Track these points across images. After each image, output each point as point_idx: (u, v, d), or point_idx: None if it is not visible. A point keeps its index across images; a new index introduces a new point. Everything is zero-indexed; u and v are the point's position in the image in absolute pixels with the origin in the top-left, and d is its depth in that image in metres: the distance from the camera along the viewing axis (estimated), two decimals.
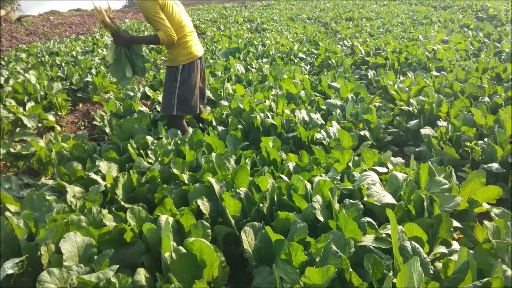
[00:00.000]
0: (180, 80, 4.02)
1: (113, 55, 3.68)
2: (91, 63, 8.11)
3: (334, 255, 1.91)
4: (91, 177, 2.98)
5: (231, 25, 15.20)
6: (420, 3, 20.09)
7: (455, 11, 15.78)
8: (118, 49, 3.67)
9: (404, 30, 11.48)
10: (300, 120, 4.09)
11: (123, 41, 3.58)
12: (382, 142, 4.17)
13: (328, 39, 10.52)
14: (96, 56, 9.20)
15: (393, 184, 2.75)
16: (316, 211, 2.32)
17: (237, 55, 8.51)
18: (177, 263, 1.98)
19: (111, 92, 6.57)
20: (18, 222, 2.25)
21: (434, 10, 16.79)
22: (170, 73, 4.04)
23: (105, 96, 6.31)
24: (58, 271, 1.85)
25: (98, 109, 6.11)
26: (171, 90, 4.03)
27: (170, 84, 4.04)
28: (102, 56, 9.25)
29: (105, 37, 13.51)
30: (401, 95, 5.02)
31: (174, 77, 4.02)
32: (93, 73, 7.24)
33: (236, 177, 2.74)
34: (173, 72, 4.03)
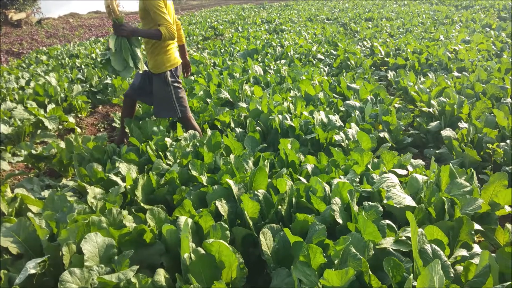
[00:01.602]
0: (171, 84, 4.01)
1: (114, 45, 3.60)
2: None
3: (353, 258, 1.89)
4: (111, 179, 3.02)
5: (249, 26, 15.24)
6: (441, 2, 19.79)
7: (477, 10, 15.49)
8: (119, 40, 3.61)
9: (425, 30, 11.33)
10: (318, 122, 4.07)
11: (125, 31, 3.53)
12: (401, 144, 4.12)
13: (347, 39, 10.45)
14: None
15: (413, 187, 2.72)
16: (335, 213, 2.31)
17: (255, 57, 8.52)
18: (196, 264, 2.00)
19: None
20: (40, 223, 2.30)
21: (456, 10, 16.51)
22: (160, 80, 3.99)
23: None
24: (79, 271, 1.88)
25: (117, 111, 6.20)
26: (168, 95, 4.00)
27: (164, 89, 4.00)
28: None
29: None
30: (421, 96, 4.95)
31: (165, 82, 3.98)
32: (112, 75, 7.34)
33: (255, 179, 2.74)
34: (162, 79, 3.98)
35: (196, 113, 4.81)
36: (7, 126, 4.72)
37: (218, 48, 10.33)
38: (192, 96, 5.53)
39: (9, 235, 2.27)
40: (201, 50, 11.04)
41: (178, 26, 4.22)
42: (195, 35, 14.07)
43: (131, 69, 3.65)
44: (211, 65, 8.20)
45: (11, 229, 2.29)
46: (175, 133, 4.19)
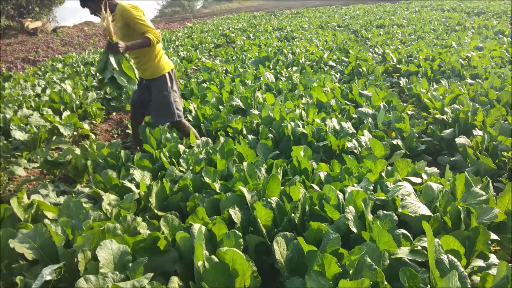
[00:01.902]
0: (170, 87, 4.14)
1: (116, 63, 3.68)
2: None
3: (368, 268, 1.88)
4: (125, 185, 3.05)
5: (260, 34, 15.30)
6: (453, 9, 19.68)
7: (489, 17, 15.37)
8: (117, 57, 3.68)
9: (437, 37, 11.27)
10: (330, 129, 4.06)
11: (121, 48, 3.62)
12: (415, 151, 4.09)
13: (358, 46, 10.43)
14: None
15: (428, 195, 2.69)
16: (349, 222, 2.29)
17: (266, 64, 8.54)
18: (209, 272, 2.00)
19: None
20: (56, 229, 2.32)
21: (468, 17, 16.39)
22: (160, 83, 4.10)
23: None
24: (94, 278, 1.89)
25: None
26: (166, 99, 4.10)
27: (163, 93, 4.10)
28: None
29: None
30: (434, 104, 4.92)
31: (165, 83, 4.12)
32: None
33: (268, 186, 2.74)
34: (163, 80, 4.11)
35: (208, 120, 4.83)
36: (23, 132, 4.79)
37: (230, 56, 10.39)
38: (204, 103, 5.56)
39: (26, 241, 2.29)
40: (213, 58, 11.11)
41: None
42: (207, 43, 14.17)
43: (134, 81, 3.74)
44: (223, 72, 8.24)
45: (27, 235, 2.32)
46: (188, 140, 4.21)
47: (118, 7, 3.85)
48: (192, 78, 8.08)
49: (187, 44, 14.04)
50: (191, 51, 12.35)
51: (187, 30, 20.14)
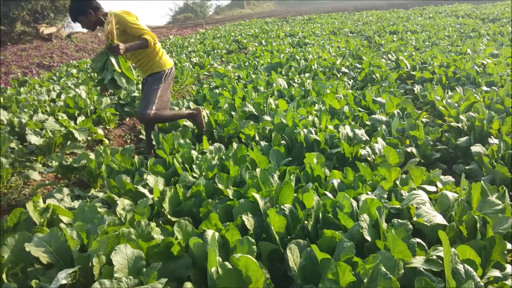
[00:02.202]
0: (164, 82, 4.31)
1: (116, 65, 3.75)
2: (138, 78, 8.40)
3: (383, 277, 1.86)
4: (139, 190, 3.07)
5: (272, 40, 15.35)
6: (468, 15, 19.54)
7: (504, 23, 15.21)
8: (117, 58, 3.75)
9: (451, 43, 11.19)
10: (344, 136, 4.04)
11: (122, 50, 3.72)
12: (429, 159, 4.05)
13: (371, 53, 10.40)
14: None
15: (443, 204, 2.66)
16: (363, 230, 2.28)
17: (279, 70, 8.56)
18: (223, 279, 2.00)
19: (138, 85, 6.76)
20: (72, 233, 2.34)
21: (482, 23, 16.25)
22: (156, 78, 4.26)
23: None
24: (109, 282, 1.90)
25: None
26: (153, 92, 4.23)
27: (154, 87, 4.25)
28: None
29: None
30: (449, 111, 4.87)
31: (160, 80, 4.28)
32: (139, 88, 7.48)
33: (281, 193, 2.74)
34: (159, 77, 4.28)
35: (221, 126, 4.85)
36: (39, 137, 4.85)
37: (242, 62, 10.43)
38: (217, 109, 5.58)
39: (41, 245, 2.32)
40: (225, 64, 11.17)
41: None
42: (219, 49, 14.25)
43: (132, 82, 3.81)
44: (235, 78, 8.28)
45: (43, 239, 2.34)
46: (200, 145, 4.23)
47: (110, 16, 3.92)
48: (204, 84, 8.13)
49: (199, 50, 14.14)
50: (203, 57, 12.43)
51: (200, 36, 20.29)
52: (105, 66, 3.79)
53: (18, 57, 15.77)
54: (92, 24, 4.11)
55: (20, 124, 5.34)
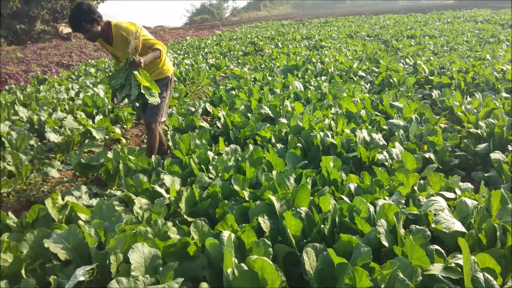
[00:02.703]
0: (169, 88, 4.29)
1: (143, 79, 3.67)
2: None
3: (401, 283, 1.84)
4: (156, 190, 3.09)
5: (289, 43, 15.34)
6: (487, 21, 19.26)
7: None
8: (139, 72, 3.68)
9: (470, 48, 11.04)
10: (360, 140, 4.02)
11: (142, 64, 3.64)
12: (448, 166, 4.00)
13: (389, 57, 10.31)
14: None
15: (462, 211, 2.63)
16: (381, 236, 2.25)
17: (295, 73, 8.55)
18: (239, 280, 2.00)
19: (173, 107, 6.81)
20: (90, 231, 2.36)
21: (502, 29, 16.00)
22: (161, 85, 4.12)
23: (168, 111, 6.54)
24: (126, 280, 1.92)
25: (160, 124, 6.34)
26: (162, 100, 4.12)
27: (162, 94, 4.13)
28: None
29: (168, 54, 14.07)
30: (468, 117, 4.81)
31: (166, 86, 4.24)
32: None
33: (297, 196, 2.73)
34: (165, 83, 4.22)
35: (237, 127, 4.86)
36: (58, 135, 4.92)
37: (258, 64, 10.45)
38: (233, 110, 5.60)
39: (60, 241, 2.35)
40: (241, 65, 11.19)
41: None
42: (236, 50, 14.29)
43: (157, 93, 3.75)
44: (251, 80, 8.29)
45: (61, 236, 2.37)
46: (217, 146, 4.24)
47: (115, 27, 3.83)
48: (220, 85, 8.16)
49: (216, 51, 14.21)
50: (219, 58, 12.48)
51: (216, 37, 20.38)
52: (127, 82, 3.67)
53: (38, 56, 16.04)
54: (97, 34, 3.83)
55: (39, 122, 5.43)
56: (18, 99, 6.84)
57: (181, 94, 7.66)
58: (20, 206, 3.82)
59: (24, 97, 7.10)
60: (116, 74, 3.71)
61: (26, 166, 4.24)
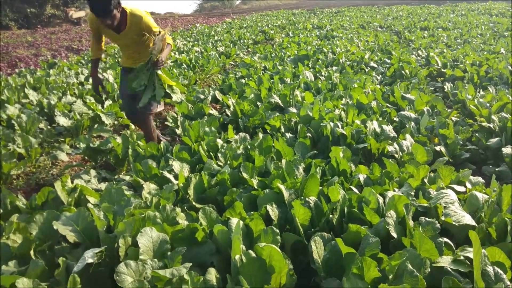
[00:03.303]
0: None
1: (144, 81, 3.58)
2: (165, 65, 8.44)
3: (409, 274, 1.83)
4: (164, 176, 3.09)
5: (299, 32, 15.21)
6: (501, 14, 18.94)
7: None
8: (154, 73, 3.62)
9: (484, 42, 10.87)
10: (371, 131, 3.98)
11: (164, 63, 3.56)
12: (458, 159, 3.96)
13: (401, 48, 10.19)
14: (169, 59, 9.57)
15: (473, 205, 2.60)
16: (390, 227, 2.24)
17: (306, 62, 8.48)
18: (246, 267, 2.00)
19: (183, 95, 6.79)
20: (99, 214, 2.37)
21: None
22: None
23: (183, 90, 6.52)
24: (134, 263, 1.93)
25: (169, 110, 6.35)
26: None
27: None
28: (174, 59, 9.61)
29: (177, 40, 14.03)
30: (481, 111, 4.74)
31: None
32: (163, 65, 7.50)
33: (306, 185, 2.72)
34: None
35: (246, 116, 4.84)
36: (67, 119, 4.94)
37: (268, 53, 10.38)
38: (243, 99, 5.58)
39: (69, 224, 2.36)
40: (251, 54, 11.13)
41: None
42: (246, 39, 14.21)
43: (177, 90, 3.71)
44: (261, 69, 8.24)
45: (70, 218, 2.38)
46: (226, 134, 4.23)
47: (131, 15, 3.65)
48: (230, 73, 8.12)
49: (225, 39, 14.13)
50: (229, 46, 12.41)
51: (226, 25, 20.26)
52: (150, 82, 3.58)
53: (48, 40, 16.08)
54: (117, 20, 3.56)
55: (49, 106, 5.45)
56: (28, 83, 6.86)
57: (191, 82, 7.64)
58: (30, 189, 3.85)
59: (34, 81, 7.13)
60: (138, 76, 3.58)
61: (35, 149, 4.27)
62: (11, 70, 9.92)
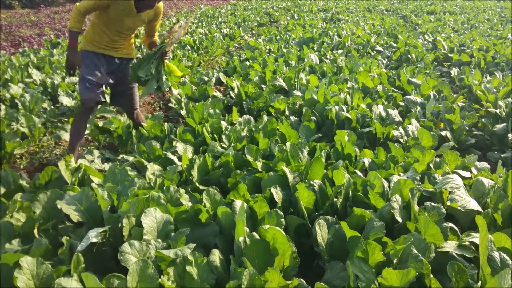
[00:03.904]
0: None
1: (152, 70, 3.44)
2: None
3: (414, 259, 1.82)
4: (168, 157, 3.08)
5: (305, 14, 15.03)
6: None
7: None
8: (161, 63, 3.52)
9: (491, 27, 10.73)
10: (376, 115, 3.95)
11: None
12: (464, 145, 3.93)
13: (407, 32, 10.06)
14: None
15: (478, 190, 2.58)
16: (395, 211, 2.23)
17: (311, 45, 8.39)
18: (250, 248, 1.99)
19: (187, 76, 6.74)
20: (102, 194, 2.37)
21: None
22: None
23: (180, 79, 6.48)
24: (138, 243, 1.93)
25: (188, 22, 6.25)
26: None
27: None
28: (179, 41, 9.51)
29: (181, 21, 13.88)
30: (487, 96, 4.69)
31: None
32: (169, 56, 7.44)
33: (311, 168, 2.70)
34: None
35: (251, 98, 4.80)
36: (71, 99, 4.91)
37: (273, 35, 10.26)
38: (247, 81, 5.52)
39: (72, 203, 2.35)
40: (256, 36, 11.01)
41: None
42: (250, 21, 14.04)
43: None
44: (266, 52, 8.16)
45: (74, 197, 2.38)
46: (230, 116, 4.20)
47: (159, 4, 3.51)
48: (234, 55, 8.04)
49: (230, 21, 13.97)
50: (234, 28, 12.27)
51: (231, 7, 20.01)
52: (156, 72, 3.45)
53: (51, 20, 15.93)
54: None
55: (52, 85, 5.41)
56: (31, 62, 6.81)
57: (194, 63, 7.58)
58: (33, 168, 3.84)
59: (37, 60, 7.07)
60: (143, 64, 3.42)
61: (39, 128, 4.25)
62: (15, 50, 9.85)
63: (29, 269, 1.79)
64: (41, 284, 1.80)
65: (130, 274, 1.73)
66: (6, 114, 4.26)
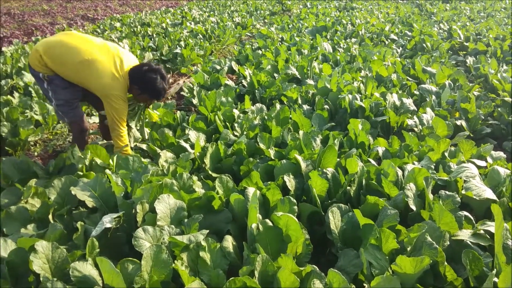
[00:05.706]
0: None
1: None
2: (180, 35, 8.35)
3: (429, 246, 1.81)
4: (181, 144, 3.09)
5: (318, 3, 14.86)
6: None
7: None
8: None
9: (508, 16, 10.51)
10: (390, 104, 3.90)
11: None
12: (479, 134, 3.86)
13: (422, 21, 9.90)
14: (184, 29, 9.46)
15: (494, 179, 2.55)
16: (409, 200, 2.21)
17: (324, 34, 8.30)
18: (263, 235, 2.00)
19: (199, 65, 6.73)
20: (116, 180, 2.38)
21: None
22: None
23: (192, 68, 6.48)
24: (152, 229, 1.94)
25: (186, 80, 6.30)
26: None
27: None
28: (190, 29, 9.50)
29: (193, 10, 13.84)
30: (504, 85, 4.60)
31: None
32: (181, 45, 7.44)
33: (324, 156, 2.69)
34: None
35: (263, 87, 4.78)
36: None
37: (286, 24, 10.18)
38: (259, 70, 5.50)
39: (86, 189, 2.38)
40: (268, 25, 10.94)
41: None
42: (263, 10, 13.94)
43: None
44: (278, 40, 8.10)
45: (88, 184, 2.40)
46: (242, 105, 4.19)
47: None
48: (246, 44, 8.00)
49: (242, 10, 13.88)
50: (246, 17, 12.20)
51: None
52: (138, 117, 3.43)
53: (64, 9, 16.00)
54: None
55: None
56: None
57: (206, 52, 7.56)
58: (47, 155, 3.88)
59: None
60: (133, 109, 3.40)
61: (52, 116, 4.28)
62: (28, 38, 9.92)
63: (44, 253, 1.81)
64: (56, 268, 1.82)
65: (144, 258, 1.75)
66: (20, 102, 4.30)
